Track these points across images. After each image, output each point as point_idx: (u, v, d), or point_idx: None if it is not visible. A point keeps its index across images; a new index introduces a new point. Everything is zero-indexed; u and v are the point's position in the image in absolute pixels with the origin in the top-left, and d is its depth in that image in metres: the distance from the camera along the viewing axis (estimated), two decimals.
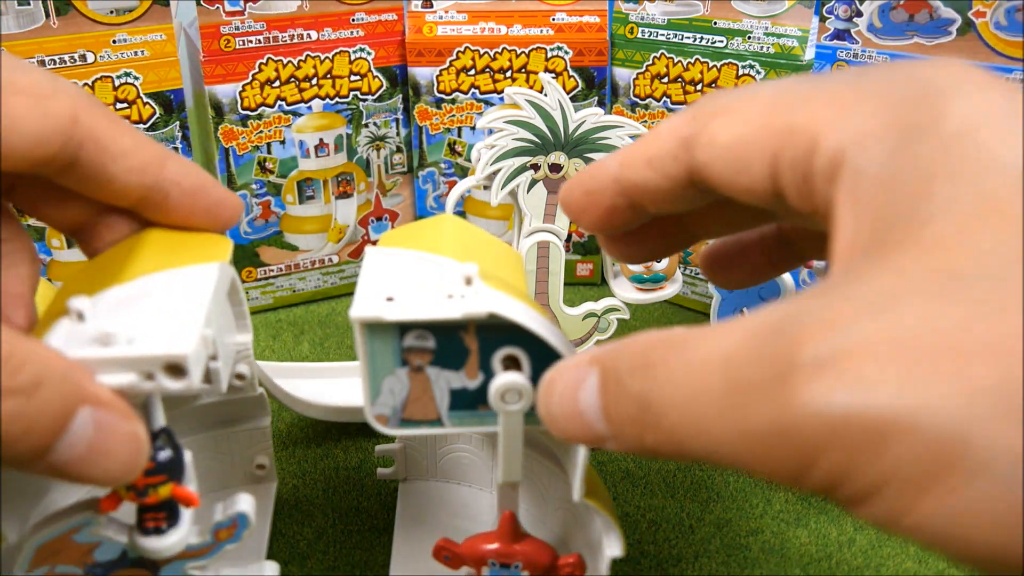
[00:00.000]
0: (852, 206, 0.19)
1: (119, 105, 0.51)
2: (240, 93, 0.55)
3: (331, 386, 0.45)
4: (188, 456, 0.26)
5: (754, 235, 0.29)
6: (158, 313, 0.24)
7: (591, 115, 0.44)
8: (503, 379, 0.26)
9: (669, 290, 0.47)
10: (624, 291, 0.49)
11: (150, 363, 0.23)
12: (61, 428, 0.21)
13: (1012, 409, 0.14)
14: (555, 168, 0.45)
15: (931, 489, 0.15)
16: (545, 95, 0.43)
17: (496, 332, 0.25)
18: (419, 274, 0.26)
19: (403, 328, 0.25)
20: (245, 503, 0.27)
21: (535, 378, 0.26)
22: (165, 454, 0.24)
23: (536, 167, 0.44)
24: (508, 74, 0.57)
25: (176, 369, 0.23)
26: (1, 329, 0.21)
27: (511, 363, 0.26)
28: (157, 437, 0.25)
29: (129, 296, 0.25)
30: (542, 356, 0.26)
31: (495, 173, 0.44)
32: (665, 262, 0.47)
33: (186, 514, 0.26)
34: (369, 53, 0.57)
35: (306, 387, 0.45)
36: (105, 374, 0.23)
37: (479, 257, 0.28)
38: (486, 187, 0.46)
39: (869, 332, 0.16)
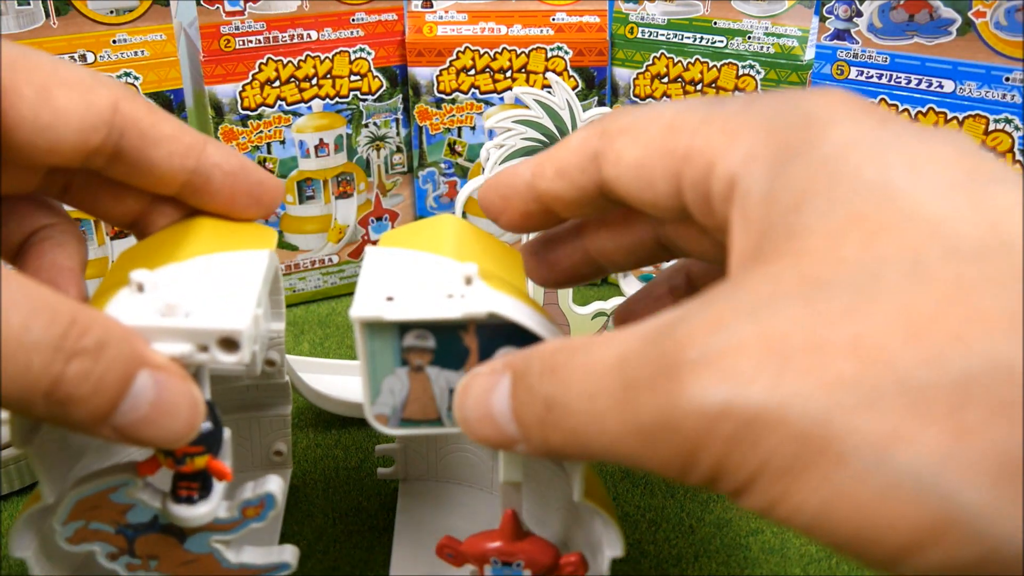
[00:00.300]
0: (742, 223, 0.20)
1: None
2: (240, 93, 0.55)
3: (351, 382, 0.46)
4: (228, 433, 0.27)
5: (663, 287, 0.31)
6: (214, 290, 0.26)
7: (598, 114, 0.44)
8: None
9: None
10: (632, 289, 0.49)
11: (207, 336, 0.24)
12: (125, 389, 0.22)
13: (870, 400, 0.16)
14: None
15: (801, 477, 0.16)
16: (553, 95, 0.43)
17: (496, 331, 0.25)
18: (419, 274, 0.26)
19: (403, 328, 0.25)
20: (274, 484, 0.28)
21: None
22: (206, 426, 0.25)
23: None
24: (508, 74, 0.57)
25: (230, 343, 0.24)
26: (61, 297, 0.22)
27: None
28: None
29: (185, 274, 0.26)
30: None
31: None
32: (674, 260, 0.47)
33: (218, 488, 0.27)
34: (369, 53, 0.57)
35: (329, 382, 0.45)
36: (162, 343, 0.24)
37: (479, 256, 0.28)
38: None
39: (745, 332, 0.17)
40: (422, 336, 0.25)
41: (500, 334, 0.25)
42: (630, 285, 0.49)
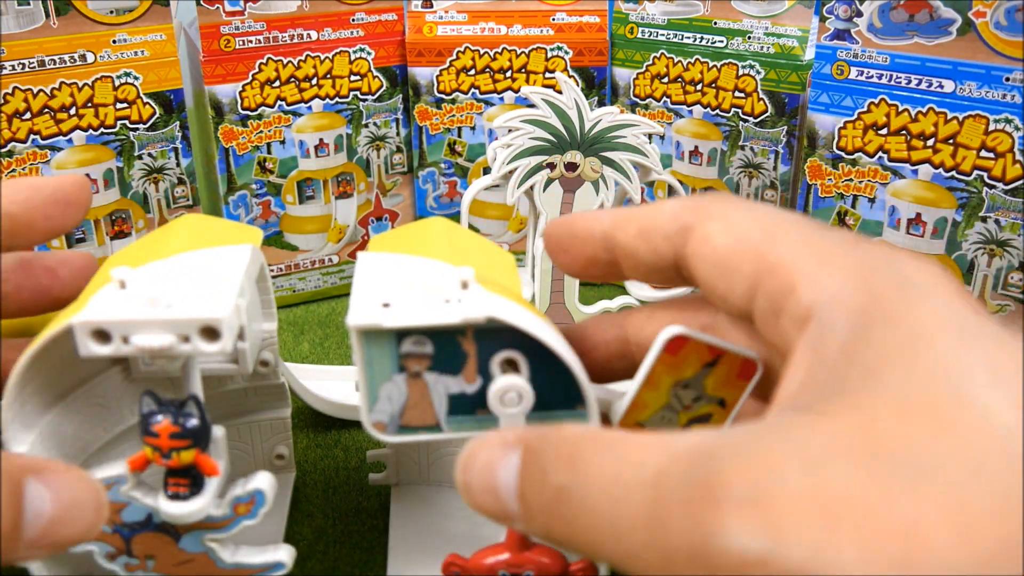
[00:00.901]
0: (808, 359, 0.20)
1: (119, 105, 0.51)
2: (240, 93, 0.55)
3: (350, 387, 0.46)
4: (220, 432, 0.27)
5: (613, 329, 0.31)
6: (195, 283, 0.26)
7: (607, 114, 0.44)
8: (503, 381, 0.26)
9: (683, 288, 0.47)
10: (639, 289, 0.49)
11: (187, 325, 0.24)
12: (18, 503, 0.22)
13: None
14: (571, 167, 0.45)
15: None
16: (561, 94, 0.43)
17: (494, 336, 0.25)
18: (414, 279, 0.26)
19: (400, 334, 0.25)
20: (263, 480, 0.28)
21: (534, 381, 0.26)
22: (192, 421, 0.26)
23: (552, 166, 0.45)
24: (508, 74, 0.57)
25: (211, 332, 0.24)
26: None
27: (509, 366, 0.26)
28: (186, 404, 0.26)
29: (167, 269, 0.27)
30: (541, 359, 0.26)
31: (511, 172, 0.44)
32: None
33: (210, 485, 0.27)
34: (369, 53, 0.57)
35: (329, 387, 0.45)
36: (145, 335, 0.24)
37: (472, 260, 0.28)
38: (498, 186, 0.46)
39: (796, 484, 0.17)
40: (420, 342, 0.25)
41: (498, 339, 0.25)
42: (636, 288, 0.49)
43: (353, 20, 0.56)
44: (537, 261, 0.47)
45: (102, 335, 0.25)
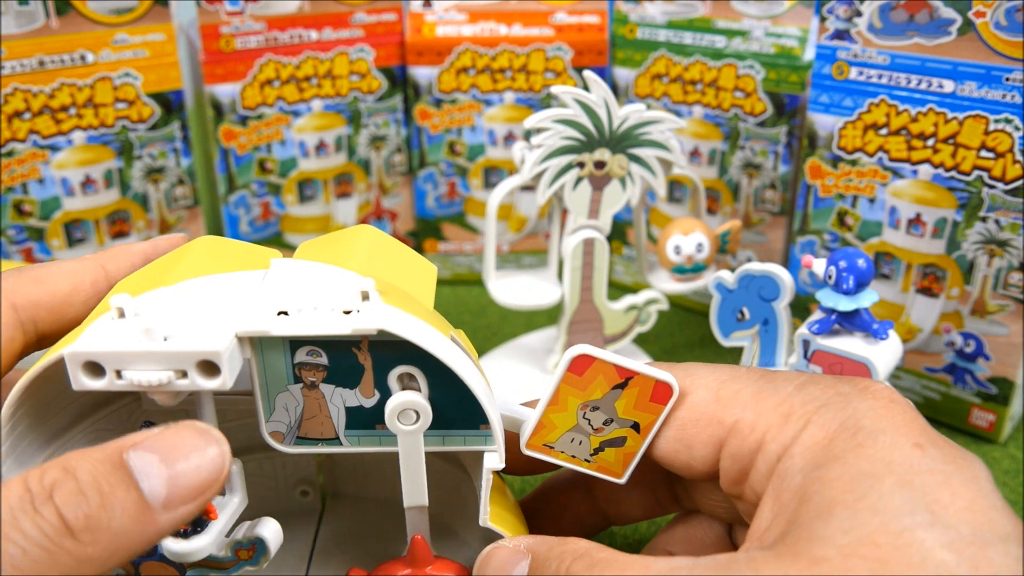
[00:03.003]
0: (773, 504, 0.23)
1: (119, 105, 0.51)
2: (240, 93, 0.55)
3: None
4: (236, 466, 0.26)
5: (569, 493, 0.33)
6: (197, 313, 0.24)
7: (634, 111, 0.44)
8: (398, 399, 0.25)
9: (705, 280, 0.47)
10: (662, 282, 0.49)
11: (184, 359, 0.23)
12: (127, 478, 0.21)
13: None
14: (600, 165, 0.45)
15: None
16: (590, 92, 0.43)
17: (391, 349, 0.24)
18: (318, 287, 0.26)
19: (295, 343, 0.24)
20: (268, 529, 0.26)
21: (433, 397, 0.25)
22: None
23: (581, 164, 0.45)
24: (508, 74, 0.57)
25: (210, 367, 0.23)
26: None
27: (408, 381, 0.25)
28: None
29: (171, 298, 0.25)
30: (441, 375, 0.25)
31: (542, 172, 0.45)
32: (707, 251, 0.47)
33: (216, 525, 0.25)
34: (369, 53, 0.57)
35: None
36: (139, 369, 0.23)
37: (387, 270, 0.27)
38: (529, 187, 0.46)
39: None
40: (314, 352, 0.25)
41: (396, 353, 0.25)
42: (660, 281, 0.49)
43: (353, 20, 0.56)
44: (566, 260, 0.47)
45: (95, 368, 0.23)
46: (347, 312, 0.24)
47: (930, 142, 0.44)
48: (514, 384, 0.50)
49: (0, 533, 0.19)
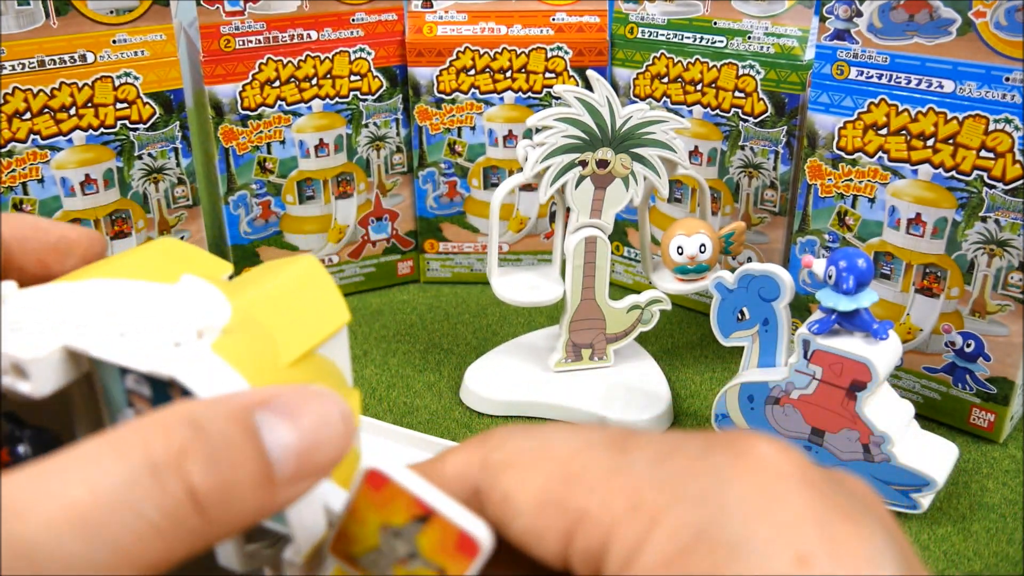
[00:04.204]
0: None
1: (119, 105, 0.51)
2: (240, 93, 0.55)
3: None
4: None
5: None
6: (63, 315, 0.23)
7: (637, 111, 0.44)
8: None
9: (707, 281, 0.48)
10: (665, 282, 0.49)
11: (3, 359, 0.22)
12: (256, 443, 0.19)
13: None
14: (602, 164, 0.45)
15: None
16: (593, 91, 0.43)
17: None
18: (178, 314, 0.24)
19: (123, 369, 0.23)
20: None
21: None
22: (21, 448, 0.23)
23: (584, 163, 0.45)
24: (508, 74, 0.57)
25: (21, 371, 0.22)
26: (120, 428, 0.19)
27: None
28: (42, 430, 0.23)
29: (63, 294, 0.24)
30: None
31: (544, 171, 0.45)
32: (710, 252, 0.47)
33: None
34: (369, 53, 0.57)
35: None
36: None
37: (280, 310, 0.26)
38: (529, 187, 0.46)
39: None
40: (138, 381, 0.23)
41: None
42: (663, 281, 0.49)
43: (353, 20, 0.56)
44: (568, 258, 0.47)
45: None
46: (177, 345, 0.22)
47: (930, 142, 0.44)
48: (515, 383, 0.50)
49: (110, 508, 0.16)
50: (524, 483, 0.21)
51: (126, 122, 0.52)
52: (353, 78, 0.57)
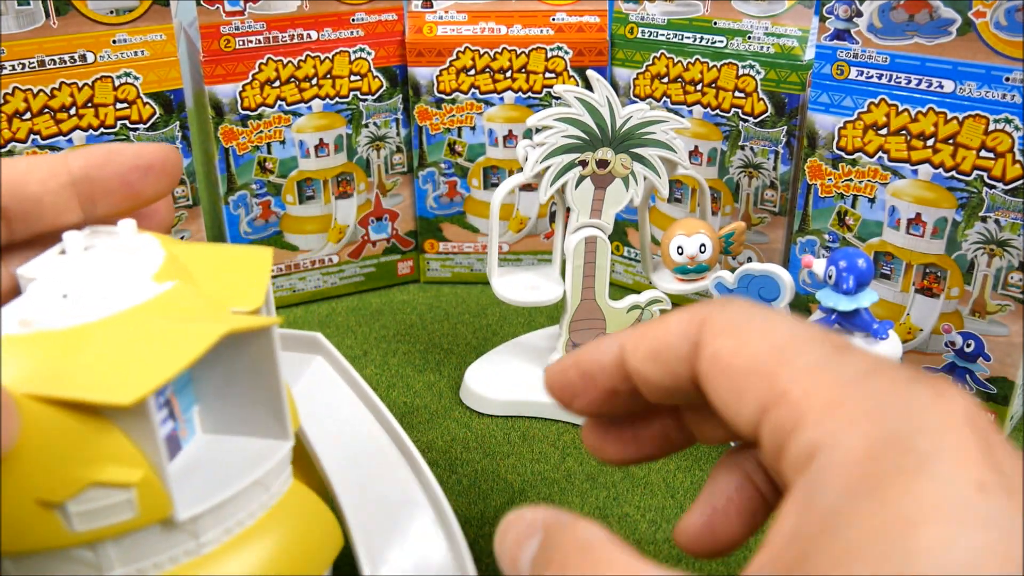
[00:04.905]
0: (796, 516, 0.19)
1: (119, 105, 0.51)
2: (240, 93, 0.55)
3: None
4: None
5: (733, 497, 0.27)
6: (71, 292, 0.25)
7: (637, 111, 0.44)
8: None
9: (708, 280, 0.48)
10: (665, 282, 0.49)
11: None
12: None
13: None
14: (602, 164, 0.45)
15: None
16: (593, 91, 0.44)
17: None
18: (103, 277, 0.25)
19: None
20: None
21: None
22: None
23: (584, 163, 0.45)
24: (508, 74, 0.57)
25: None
26: None
27: None
28: None
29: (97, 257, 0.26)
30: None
31: (544, 171, 0.45)
32: (710, 252, 0.47)
33: None
34: (369, 53, 0.57)
35: None
36: None
37: (192, 253, 0.27)
38: (529, 187, 0.46)
39: None
40: None
41: None
42: (663, 281, 0.49)
43: (353, 20, 0.56)
44: (568, 258, 0.47)
45: None
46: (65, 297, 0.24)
47: (930, 142, 0.44)
48: (515, 383, 0.50)
49: None
50: (738, 348, 0.22)
51: (126, 122, 0.52)
52: (353, 78, 0.57)
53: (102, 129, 0.51)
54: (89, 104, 0.50)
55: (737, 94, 0.53)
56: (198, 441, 0.25)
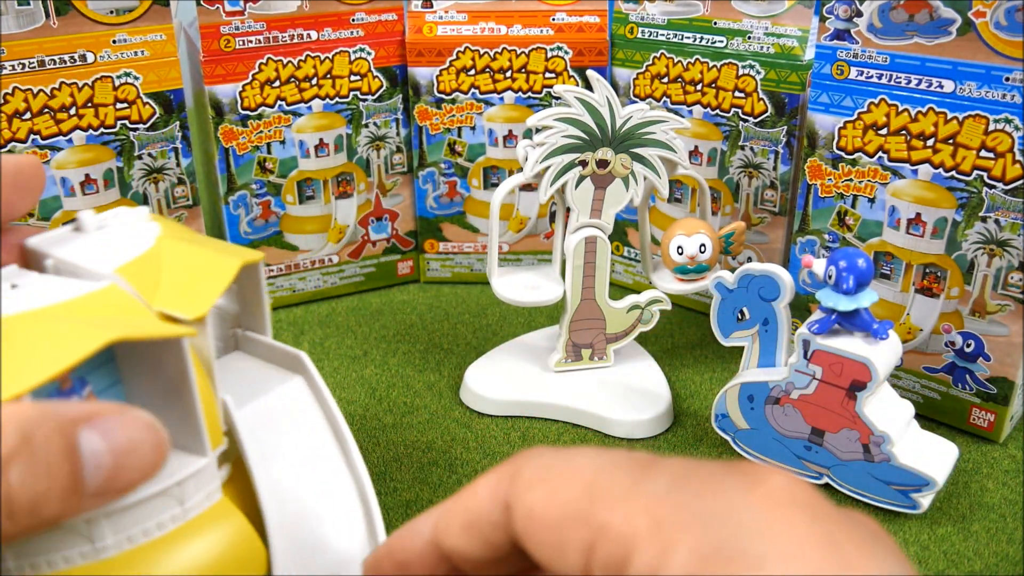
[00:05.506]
0: None
1: (119, 105, 0.51)
2: (240, 93, 0.55)
3: None
4: None
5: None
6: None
7: (637, 111, 0.44)
8: None
9: (708, 281, 0.48)
10: (665, 282, 0.49)
11: None
12: (75, 458, 0.21)
13: None
14: (602, 164, 0.45)
15: None
16: (593, 91, 0.44)
17: None
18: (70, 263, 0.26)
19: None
20: None
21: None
22: None
23: (584, 163, 0.45)
24: (508, 74, 0.57)
25: None
26: None
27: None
28: None
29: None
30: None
31: (544, 170, 0.45)
32: (710, 252, 0.48)
33: None
34: (369, 53, 0.57)
35: None
36: None
37: (175, 247, 0.27)
38: (529, 187, 0.46)
39: None
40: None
41: None
42: (663, 281, 0.49)
43: (353, 20, 0.56)
44: (568, 258, 0.47)
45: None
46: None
47: (930, 142, 0.44)
48: (515, 383, 0.50)
49: None
50: (550, 498, 0.22)
51: (126, 122, 0.52)
52: (353, 78, 0.57)
53: (102, 129, 0.51)
54: (89, 104, 0.50)
55: (737, 94, 0.53)
56: None
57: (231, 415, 0.27)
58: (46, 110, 0.49)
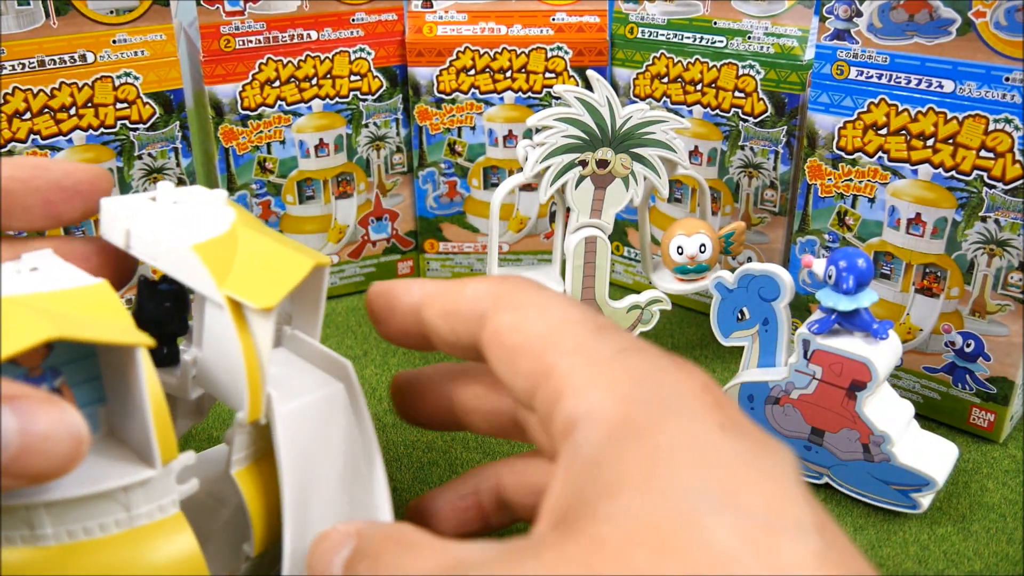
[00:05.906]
0: (564, 476, 0.22)
1: (119, 105, 0.51)
2: (240, 93, 0.55)
3: None
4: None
5: (470, 496, 0.32)
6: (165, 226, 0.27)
7: (637, 111, 0.44)
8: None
9: (708, 281, 0.48)
10: (665, 282, 0.49)
11: None
12: None
13: None
14: (602, 164, 0.45)
15: None
16: (593, 91, 0.44)
17: None
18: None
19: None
20: None
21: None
22: None
23: (584, 163, 0.45)
24: (508, 74, 0.57)
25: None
26: None
27: None
28: None
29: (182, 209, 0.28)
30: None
31: (544, 171, 0.45)
32: (710, 252, 0.48)
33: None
34: (369, 53, 0.57)
35: None
36: None
37: (251, 239, 0.28)
38: (529, 187, 0.46)
39: None
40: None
41: None
42: (663, 281, 0.49)
43: (353, 20, 0.56)
44: (568, 258, 0.47)
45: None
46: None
47: (930, 142, 0.44)
48: None
49: None
50: (516, 325, 0.25)
51: (126, 122, 0.52)
52: (353, 78, 0.57)
53: (102, 129, 0.51)
54: (89, 104, 0.50)
55: (737, 94, 0.53)
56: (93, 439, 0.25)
57: (272, 410, 0.27)
58: (46, 110, 0.49)
